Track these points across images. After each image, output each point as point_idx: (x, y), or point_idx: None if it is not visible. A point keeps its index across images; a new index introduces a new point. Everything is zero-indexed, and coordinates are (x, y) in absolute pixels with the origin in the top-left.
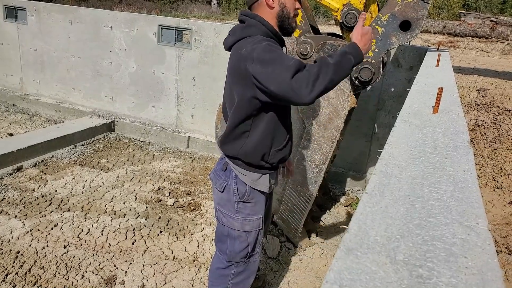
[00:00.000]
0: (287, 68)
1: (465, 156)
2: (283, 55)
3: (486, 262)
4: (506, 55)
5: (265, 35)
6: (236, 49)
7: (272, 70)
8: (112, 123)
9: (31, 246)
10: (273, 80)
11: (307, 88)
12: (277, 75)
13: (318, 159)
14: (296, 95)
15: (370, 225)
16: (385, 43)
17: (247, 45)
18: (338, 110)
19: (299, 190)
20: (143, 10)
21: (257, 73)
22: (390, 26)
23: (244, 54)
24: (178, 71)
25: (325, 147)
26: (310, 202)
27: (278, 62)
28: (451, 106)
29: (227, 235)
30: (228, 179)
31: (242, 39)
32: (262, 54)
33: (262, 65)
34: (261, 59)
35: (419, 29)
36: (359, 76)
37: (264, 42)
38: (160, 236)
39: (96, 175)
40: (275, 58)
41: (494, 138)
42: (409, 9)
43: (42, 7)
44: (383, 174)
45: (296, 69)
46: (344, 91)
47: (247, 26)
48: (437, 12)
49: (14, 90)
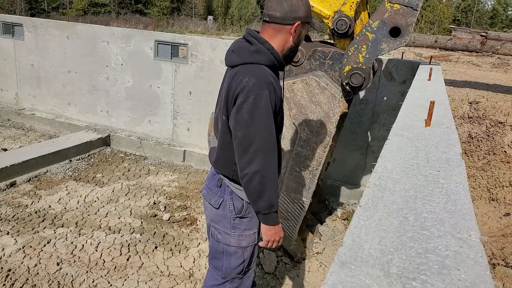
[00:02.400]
0: (262, 137)
1: (457, 169)
2: (270, 120)
3: (479, 274)
4: (497, 69)
5: (270, 63)
6: (239, 73)
7: (252, 124)
8: (108, 138)
9: (23, 264)
10: (245, 131)
11: (249, 163)
12: (252, 132)
13: (311, 165)
14: (241, 157)
15: (364, 238)
16: (376, 49)
17: (251, 77)
18: (329, 115)
19: (293, 196)
20: (140, 26)
21: (239, 114)
22: (380, 32)
23: (245, 85)
24: (174, 86)
25: (318, 153)
26: (304, 209)
27: (262, 124)
28: (443, 119)
29: (222, 251)
30: (224, 195)
31: (248, 63)
32: (256, 107)
33: (249, 115)
34: (252, 110)
35: (409, 35)
36: (350, 82)
37: (265, 91)
38: (156, 252)
39: (91, 190)
40: (262, 119)
41: (487, 150)
42: (399, 16)
43: (39, 23)
44: (376, 187)
45: (264, 147)
46: (335, 96)
47: (256, 52)
48: (429, 27)
49: (9, 105)
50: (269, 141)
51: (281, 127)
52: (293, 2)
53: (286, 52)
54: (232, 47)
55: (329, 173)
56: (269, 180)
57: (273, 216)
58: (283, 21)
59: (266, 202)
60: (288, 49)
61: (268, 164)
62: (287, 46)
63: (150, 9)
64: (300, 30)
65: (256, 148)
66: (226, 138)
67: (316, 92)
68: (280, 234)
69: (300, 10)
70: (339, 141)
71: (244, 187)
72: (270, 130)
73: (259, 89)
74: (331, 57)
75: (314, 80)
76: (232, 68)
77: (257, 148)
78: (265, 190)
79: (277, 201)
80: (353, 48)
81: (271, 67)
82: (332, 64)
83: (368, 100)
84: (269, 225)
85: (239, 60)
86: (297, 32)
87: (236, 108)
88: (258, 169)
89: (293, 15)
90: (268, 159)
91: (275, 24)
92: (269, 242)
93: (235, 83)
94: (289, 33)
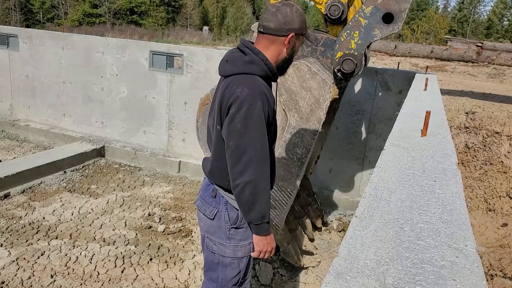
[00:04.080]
0: (255, 147)
1: (453, 179)
2: (263, 130)
3: (475, 284)
4: (493, 79)
5: (264, 74)
6: (232, 83)
7: (244, 134)
8: (102, 149)
9: (17, 276)
10: (238, 141)
11: (241, 173)
12: (245, 142)
13: (299, 152)
14: (233, 167)
15: (359, 248)
16: (368, 35)
17: (244, 88)
18: (320, 101)
19: (280, 185)
20: (135, 36)
21: (232, 124)
22: (373, 18)
23: (238, 96)
24: (169, 96)
25: (307, 140)
26: (292, 197)
27: (255, 134)
28: (439, 129)
29: (218, 262)
30: (218, 205)
31: (242, 73)
32: (249, 117)
33: (242, 125)
34: (245, 120)
35: (402, 22)
36: (342, 68)
37: (258, 101)
38: (150, 264)
39: (85, 202)
40: (255, 129)
41: (484, 160)
42: (392, 1)
43: (34, 34)
44: (372, 198)
45: (257, 157)
46: (326, 82)
47: (250, 62)
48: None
49: (4, 116)
50: (262, 151)
51: (274, 137)
52: (287, 14)
53: (280, 63)
54: (226, 57)
55: (326, 184)
56: (261, 191)
57: (265, 227)
58: (277, 32)
59: (258, 213)
60: (281, 60)
61: (260, 174)
62: (280, 57)
63: (145, 19)
64: (294, 42)
65: (249, 158)
66: (221, 148)
67: (307, 77)
68: (272, 244)
69: (295, 22)
70: (336, 152)
71: (236, 197)
72: (263, 141)
73: (252, 99)
74: (323, 44)
75: (305, 65)
76: (226, 78)
77: (249, 158)
78: (256, 201)
79: (269, 212)
80: (345, 34)
81: (265, 78)
82: (324, 50)
83: (365, 110)
84: (261, 236)
85: (232, 70)
86: (291, 43)
87: (229, 118)
88: (251, 179)
89: (287, 26)
90: (261, 169)
91: (269, 35)
92: (261, 252)
93: (229, 93)
94: (283, 44)
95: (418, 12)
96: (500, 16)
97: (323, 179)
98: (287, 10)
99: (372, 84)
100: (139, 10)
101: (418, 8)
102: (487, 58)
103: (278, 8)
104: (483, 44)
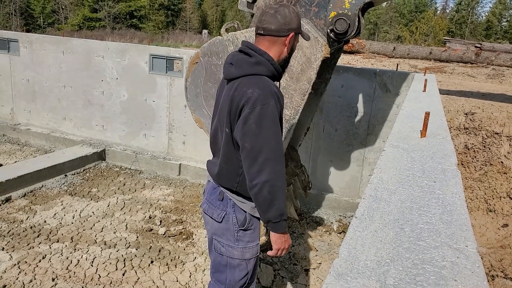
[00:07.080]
0: (270, 146)
1: (453, 179)
2: (277, 129)
3: (476, 285)
4: (492, 80)
5: (270, 74)
6: (241, 85)
7: (260, 134)
8: (103, 152)
9: (18, 280)
10: (253, 142)
11: (259, 173)
12: (260, 142)
13: (288, 114)
14: (250, 167)
15: (360, 249)
16: None
17: (255, 88)
18: (311, 60)
19: None
20: (135, 40)
21: (247, 124)
22: None
23: (250, 97)
24: (169, 99)
25: (296, 101)
26: None
27: (269, 134)
28: (439, 130)
29: (226, 264)
30: (226, 208)
31: (249, 75)
32: (263, 116)
33: (256, 125)
34: (259, 120)
35: None
36: (335, 28)
37: (271, 100)
38: (151, 267)
39: (86, 205)
40: (269, 128)
41: (484, 161)
42: None
43: (34, 39)
44: (372, 198)
45: (273, 156)
46: (318, 40)
47: (257, 64)
48: (423, 38)
49: (5, 120)
50: (277, 150)
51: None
52: (286, 15)
53: (281, 63)
54: (230, 60)
55: (326, 186)
56: (279, 189)
57: (283, 224)
58: (278, 33)
59: (277, 211)
60: (282, 59)
61: (277, 173)
62: (281, 57)
63: (145, 23)
64: (293, 41)
65: (265, 158)
66: (230, 150)
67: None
68: (289, 241)
69: (293, 21)
70: (335, 154)
71: (254, 197)
72: (277, 139)
73: (264, 99)
74: (317, 4)
75: None
76: (230, 81)
77: (266, 157)
78: (275, 199)
79: (286, 209)
80: None
81: (271, 78)
82: (317, 11)
83: (364, 112)
84: (279, 233)
85: (239, 72)
86: (291, 42)
87: (243, 120)
88: (268, 178)
89: (287, 26)
90: (277, 168)
91: (270, 37)
92: (279, 250)
93: (239, 95)
94: (284, 44)
95: (417, 13)
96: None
97: (323, 180)
98: (285, 11)
99: (371, 85)
100: (138, 14)
101: (416, 10)
102: (486, 59)
103: (276, 9)
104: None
